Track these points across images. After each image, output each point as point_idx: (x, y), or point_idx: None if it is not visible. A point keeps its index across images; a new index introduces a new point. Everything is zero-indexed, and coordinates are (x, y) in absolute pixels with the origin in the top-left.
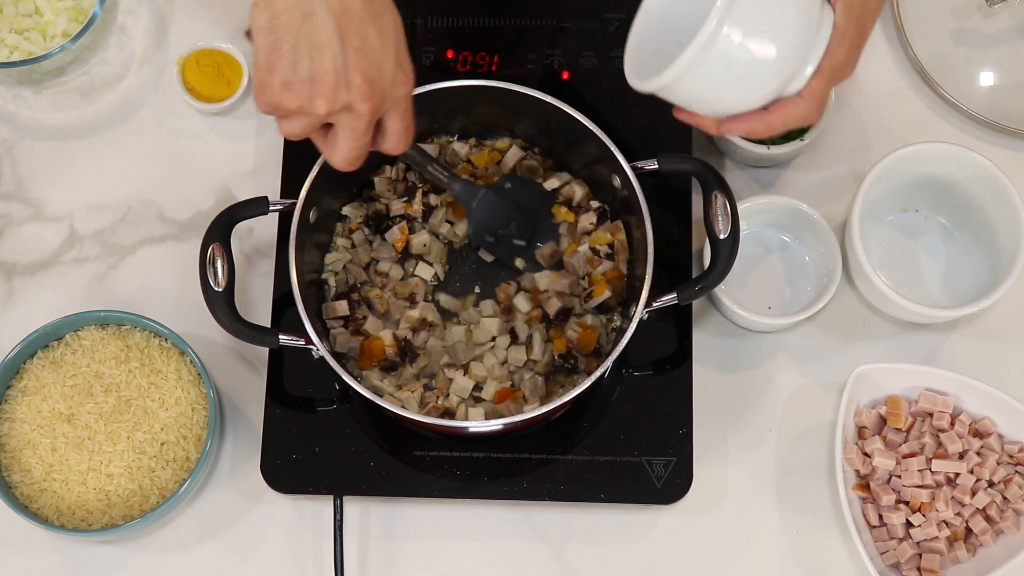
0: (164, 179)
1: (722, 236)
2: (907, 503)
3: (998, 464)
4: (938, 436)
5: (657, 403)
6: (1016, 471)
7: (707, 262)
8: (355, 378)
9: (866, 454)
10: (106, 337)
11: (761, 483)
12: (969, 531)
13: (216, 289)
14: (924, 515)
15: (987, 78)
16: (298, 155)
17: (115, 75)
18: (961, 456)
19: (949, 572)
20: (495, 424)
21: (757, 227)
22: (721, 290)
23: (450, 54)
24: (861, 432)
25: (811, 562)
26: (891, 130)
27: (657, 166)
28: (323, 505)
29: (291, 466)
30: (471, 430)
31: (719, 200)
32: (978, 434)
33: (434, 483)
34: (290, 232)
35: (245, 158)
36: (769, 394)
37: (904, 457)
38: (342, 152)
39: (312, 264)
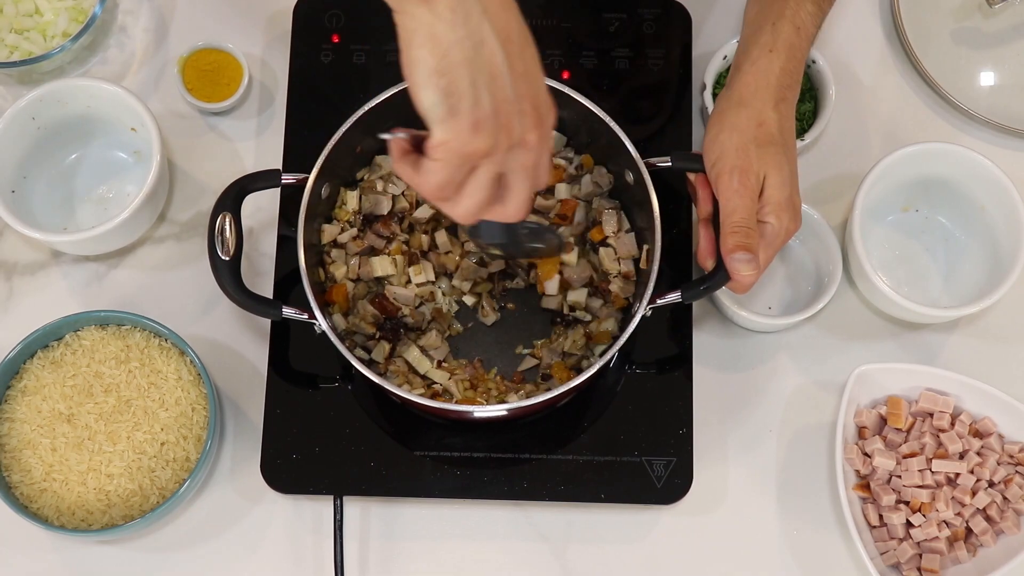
0: (163, 179)
1: None
2: (907, 503)
3: (998, 464)
4: (938, 436)
5: (657, 403)
6: (1016, 471)
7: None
8: (358, 359)
9: (866, 454)
10: (106, 337)
11: (761, 483)
12: (969, 531)
13: (223, 258)
14: (924, 515)
15: (987, 78)
16: (298, 155)
17: (115, 75)
18: (961, 456)
19: (949, 572)
20: (499, 409)
21: None
22: (721, 290)
23: None
24: (861, 432)
25: (811, 562)
26: (891, 130)
27: (670, 163)
28: (323, 505)
29: (291, 466)
30: (475, 415)
31: None
32: (978, 434)
33: (434, 483)
34: (300, 205)
35: (245, 158)
36: (769, 394)
37: (904, 457)
38: (517, 200)
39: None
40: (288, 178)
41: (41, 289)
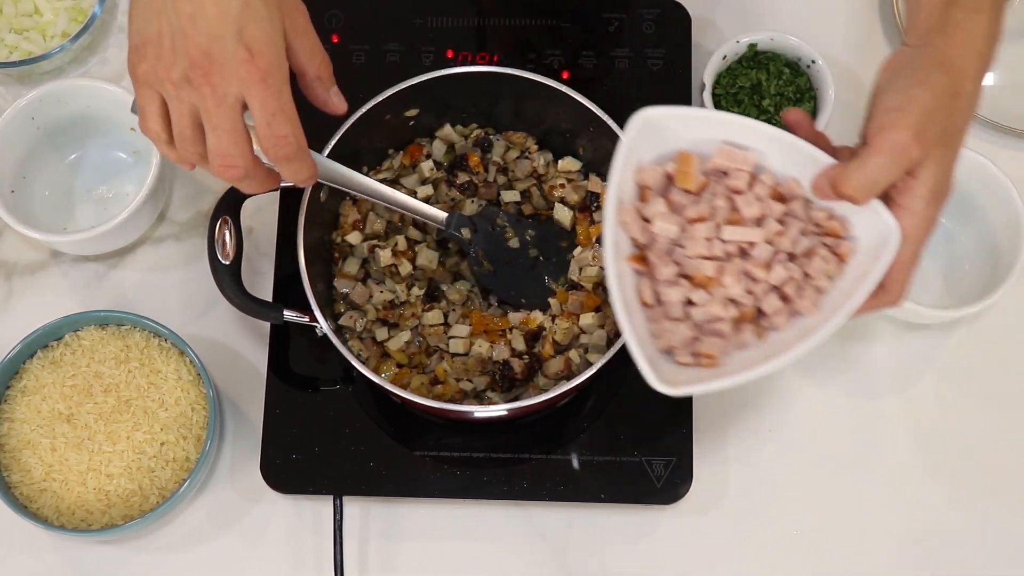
0: (164, 179)
1: None
2: (689, 278)
3: (802, 234)
4: (733, 199)
5: (657, 403)
6: (823, 242)
7: None
8: (359, 359)
9: (646, 219)
10: (106, 337)
11: (761, 483)
12: (761, 312)
13: (223, 263)
14: (708, 292)
15: (987, 78)
16: None
17: (115, 75)
18: (758, 223)
19: (733, 358)
20: (499, 409)
21: None
22: None
23: (450, 54)
24: (643, 194)
25: (811, 562)
26: None
27: None
28: (323, 505)
29: (291, 466)
30: (476, 415)
31: None
32: (782, 198)
33: (434, 483)
34: (300, 207)
35: None
36: (769, 394)
37: (691, 223)
38: (213, 149)
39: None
40: (287, 181)
41: (41, 289)
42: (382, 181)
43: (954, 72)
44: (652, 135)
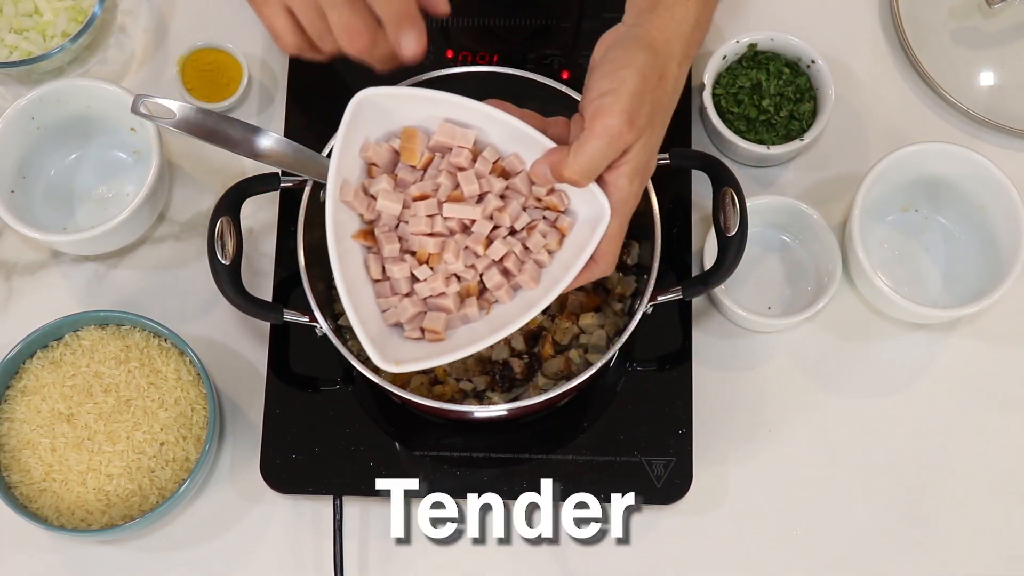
0: (164, 179)
1: (730, 233)
2: (414, 254)
3: (524, 209)
4: (456, 176)
5: (657, 403)
6: (543, 216)
7: (707, 262)
8: (359, 359)
9: (373, 196)
10: (106, 337)
11: (761, 483)
12: (484, 286)
13: (223, 262)
14: (431, 268)
15: (987, 78)
16: None
17: (115, 75)
18: (480, 199)
19: (460, 332)
20: (499, 409)
21: (757, 227)
22: (721, 290)
23: (449, 54)
24: (370, 170)
25: (812, 561)
26: (891, 130)
27: (668, 160)
28: (323, 505)
29: (291, 466)
30: (476, 415)
31: (729, 196)
32: (505, 173)
33: (434, 483)
34: (299, 207)
35: (245, 158)
36: (769, 394)
37: (414, 200)
38: (337, 26)
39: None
40: (287, 182)
41: (41, 289)
42: None
43: (659, 55)
44: (376, 114)
